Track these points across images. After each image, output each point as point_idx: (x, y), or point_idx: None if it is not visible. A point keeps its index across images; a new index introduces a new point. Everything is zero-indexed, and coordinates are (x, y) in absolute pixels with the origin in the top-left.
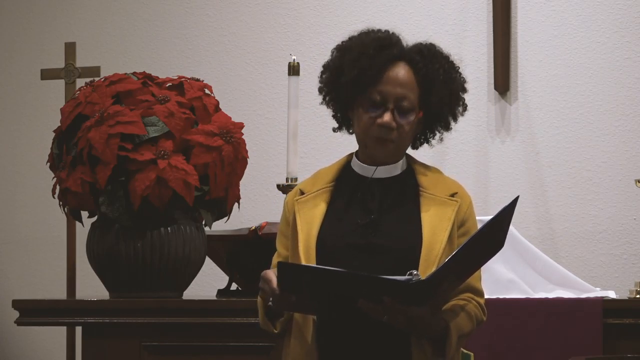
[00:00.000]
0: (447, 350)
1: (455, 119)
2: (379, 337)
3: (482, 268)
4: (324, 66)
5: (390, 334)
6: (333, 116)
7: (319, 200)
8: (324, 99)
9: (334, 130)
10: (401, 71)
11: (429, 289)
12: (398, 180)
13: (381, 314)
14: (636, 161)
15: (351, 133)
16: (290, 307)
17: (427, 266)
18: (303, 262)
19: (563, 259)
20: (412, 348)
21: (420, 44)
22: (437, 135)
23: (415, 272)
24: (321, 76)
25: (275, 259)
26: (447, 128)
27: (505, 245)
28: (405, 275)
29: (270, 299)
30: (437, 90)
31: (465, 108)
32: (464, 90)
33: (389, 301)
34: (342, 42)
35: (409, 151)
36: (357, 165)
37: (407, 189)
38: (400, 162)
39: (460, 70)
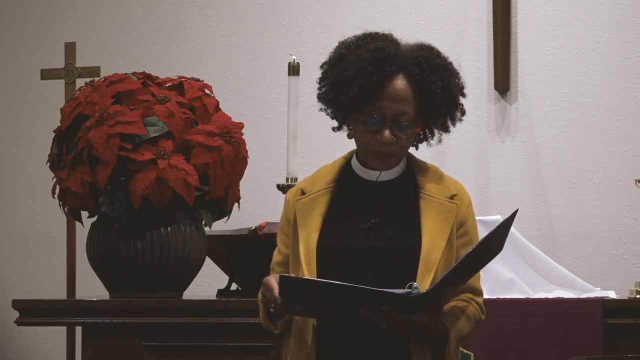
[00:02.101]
0: (445, 355)
1: (454, 123)
2: (379, 341)
3: None
4: (322, 76)
5: (390, 338)
6: (332, 117)
7: (320, 201)
8: (323, 109)
9: (334, 129)
10: (399, 85)
11: (428, 301)
12: (398, 182)
13: (381, 321)
14: (636, 161)
15: (350, 137)
16: (292, 313)
17: (426, 271)
18: (304, 266)
19: (563, 259)
20: (411, 351)
21: (419, 50)
22: (436, 136)
23: (415, 285)
24: (320, 88)
25: (275, 256)
26: (446, 130)
27: (505, 245)
28: (405, 281)
29: (272, 305)
30: (435, 100)
31: (463, 113)
32: (463, 95)
33: (389, 310)
34: (340, 49)
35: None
36: (357, 167)
37: (407, 191)
38: (400, 163)
39: (459, 75)
